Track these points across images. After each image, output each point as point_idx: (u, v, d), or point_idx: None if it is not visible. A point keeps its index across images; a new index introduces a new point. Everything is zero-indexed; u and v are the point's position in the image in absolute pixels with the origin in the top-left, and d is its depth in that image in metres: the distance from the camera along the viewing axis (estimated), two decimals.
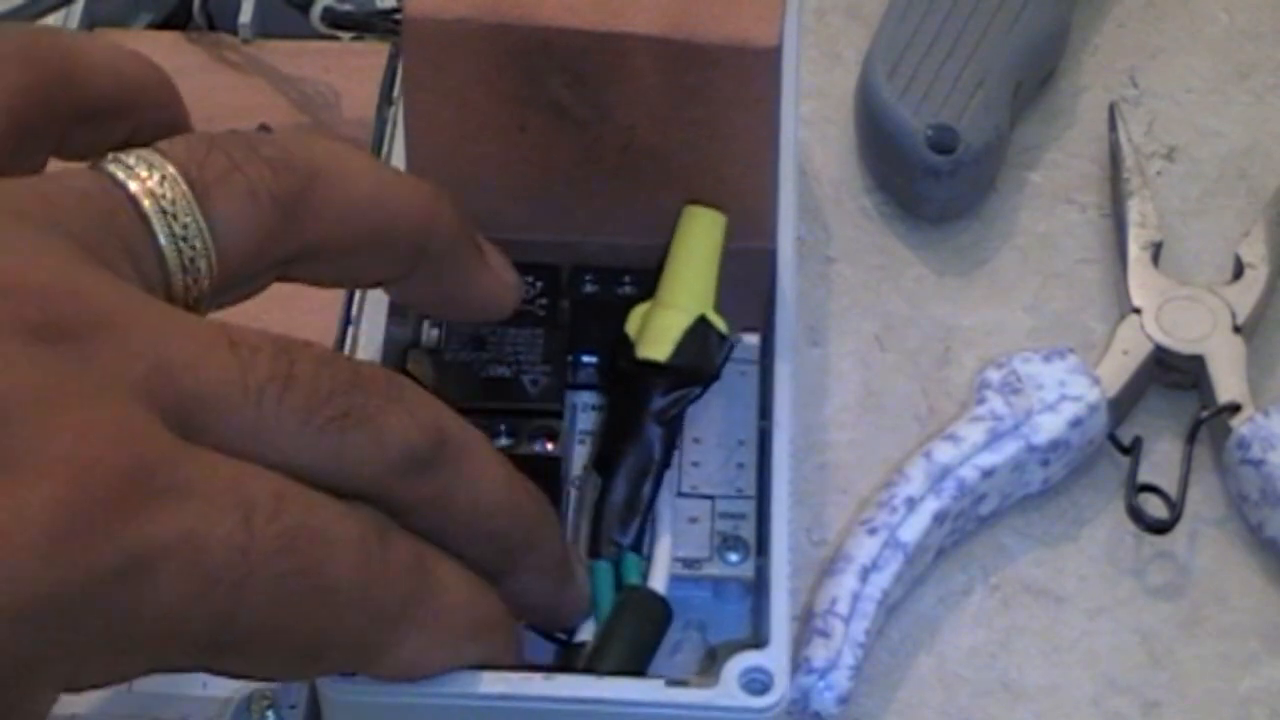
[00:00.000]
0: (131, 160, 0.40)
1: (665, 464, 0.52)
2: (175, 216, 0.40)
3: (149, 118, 0.46)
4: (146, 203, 0.40)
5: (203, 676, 0.51)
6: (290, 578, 0.38)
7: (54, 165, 0.45)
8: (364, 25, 0.60)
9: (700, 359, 0.51)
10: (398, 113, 0.57)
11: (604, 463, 0.52)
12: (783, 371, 0.52)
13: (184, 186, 0.40)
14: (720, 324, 0.52)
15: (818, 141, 0.65)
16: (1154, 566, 0.57)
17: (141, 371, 0.37)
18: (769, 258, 0.54)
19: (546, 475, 0.51)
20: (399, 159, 0.56)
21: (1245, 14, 0.69)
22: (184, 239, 0.40)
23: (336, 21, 0.59)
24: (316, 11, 0.59)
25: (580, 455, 0.54)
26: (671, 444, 0.52)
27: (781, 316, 0.53)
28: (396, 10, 0.59)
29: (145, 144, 0.41)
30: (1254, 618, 0.56)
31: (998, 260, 0.63)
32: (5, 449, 0.35)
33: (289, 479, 0.39)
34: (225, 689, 0.51)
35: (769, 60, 0.50)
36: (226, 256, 0.41)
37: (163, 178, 0.40)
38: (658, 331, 0.51)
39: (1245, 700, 0.54)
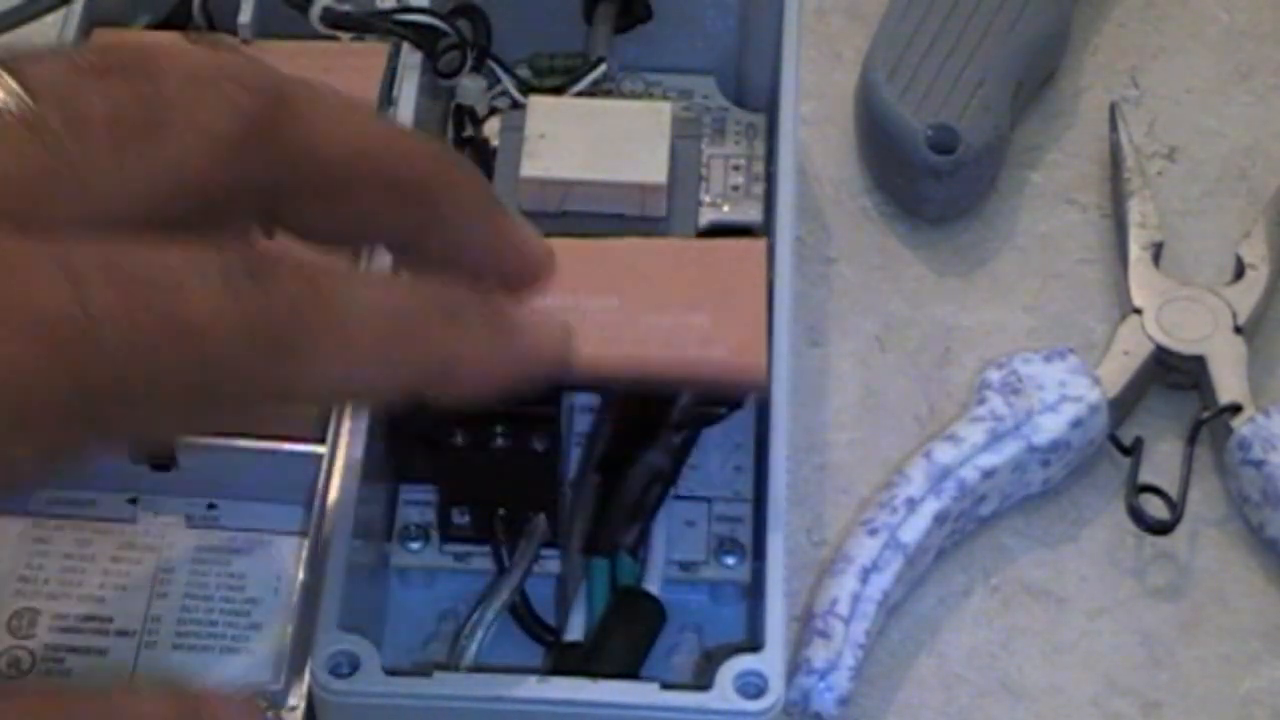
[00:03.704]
0: None
1: (674, 477, 0.52)
2: None
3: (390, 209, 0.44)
4: None
5: (202, 676, 0.52)
6: (144, 327, 0.38)
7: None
8: (363, 25, 0.59)
9: None
10: (398, 114, 0.57)
11: (610, 465, 0.52)
12: (780, 373, 0.52)
13: None
14: None
15: (818, 141, 0.65)
16: (1154, 567, 0.57)
17: None
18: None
19: (542, 472, 0.51)
20: None
21: (1245, 14, 0.68)
22: None
23: (336, 22, 0.59)
24: (315, 11, 0.59)
25: (575, 457, 0.54)
26: (684, 458, 0.52)
27: (779, 317, 0.53)
28: (396, 10, 0.59)
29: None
30: (1255, 618, 0.56)
31: (998, 260, 0.63)
32: None
33: (121, 244, 0.38)
34: (225, 688, 0.51)
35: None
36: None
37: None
38: None
39: (1246, 701, 0.54)
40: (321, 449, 0.54)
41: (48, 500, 0.55)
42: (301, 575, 0.53)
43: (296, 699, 0.50)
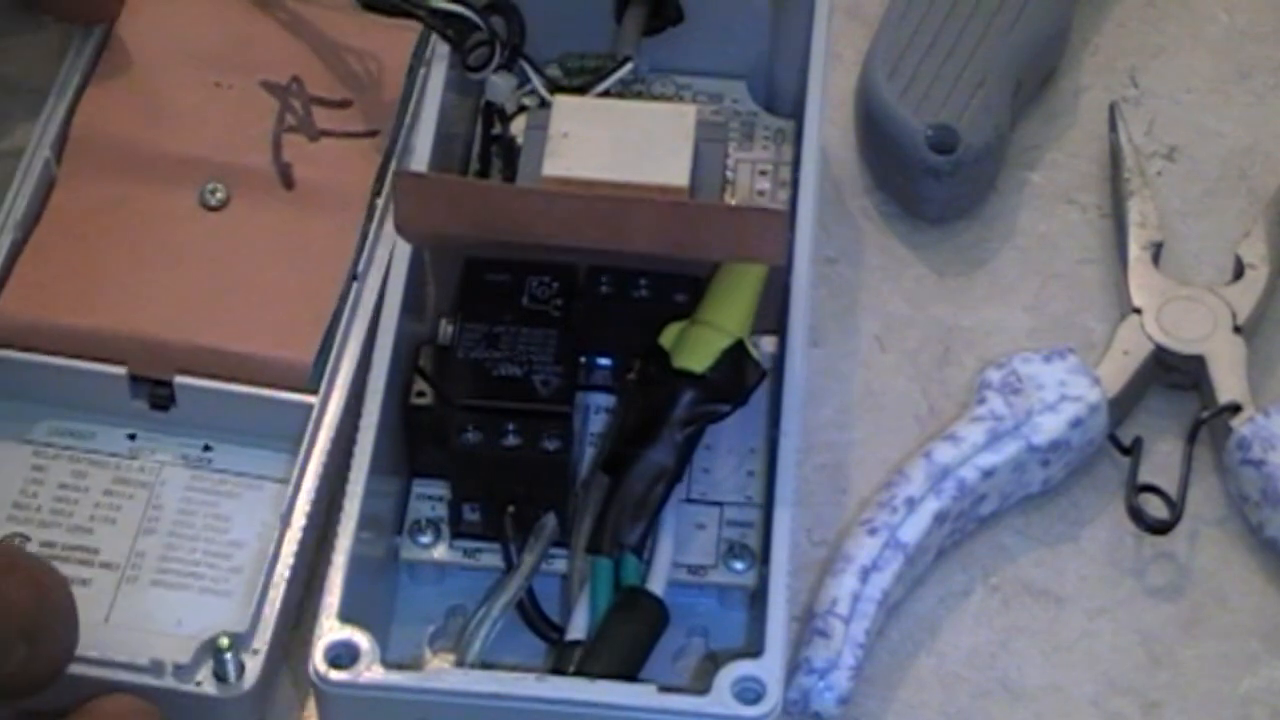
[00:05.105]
0: None
1: (678, 475, 0.52)
2: None
3: None
4: None
5: (178, 614, 0.53)
6: None
7: None
8: (398, 11, 0.60)
9: (734, 379, 0.51)
10: (429, 76, 0.58)
11: (615, 464, 0.52)
12: (793, 379, 0.52)
13: None
14: (756, 354, 0.52)
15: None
16: (1154, 567, 0.57)
17: None
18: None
19: (553, 471, 0.51)
20: (428, 130, 0.56)
21: (1245, 14, 0.68)
22: None
23: (372, 5, 0.60)
24: None
25: (589, 458, 0.54)
26: (687, 456, 0.52)
27: (795, 322, 0.53)
28: None
29: None
30: (1254, 618, 0.56)
31: (998, 260, 0.63)
32: None
33: None
34: (198, 627, 0.52)
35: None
36: None
37: None
38: (697, 346, 0.52)
39: (1245, 700, 0.54)
40: (313, 399, 0.55)
41: (49, 430, 0.56)
42: (279, 523, 0.53)
43: (260, 644, 0.51)
